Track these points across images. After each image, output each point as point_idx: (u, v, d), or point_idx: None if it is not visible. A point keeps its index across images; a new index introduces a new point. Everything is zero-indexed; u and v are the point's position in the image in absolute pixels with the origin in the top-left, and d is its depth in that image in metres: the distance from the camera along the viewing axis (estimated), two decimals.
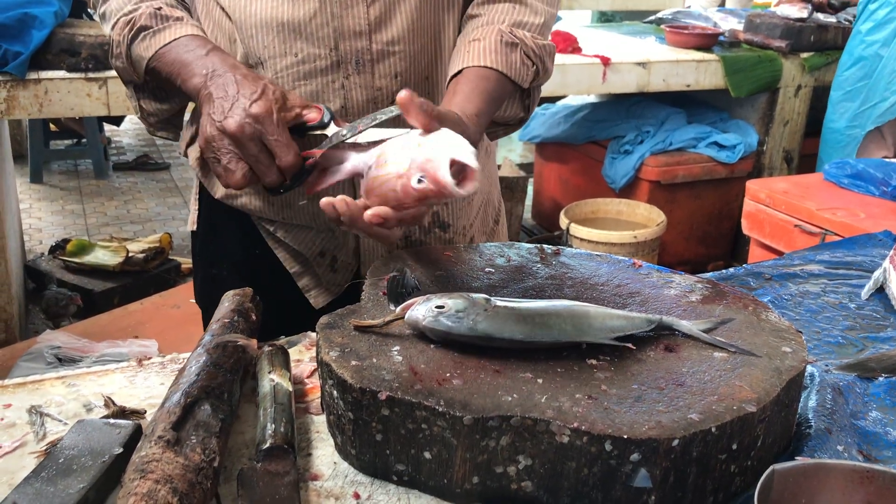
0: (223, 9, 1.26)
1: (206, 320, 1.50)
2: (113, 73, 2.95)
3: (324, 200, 1.04)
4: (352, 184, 1.26)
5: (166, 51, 1.19)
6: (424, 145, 1.01)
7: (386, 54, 1.25)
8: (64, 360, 2.59)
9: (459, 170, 0.99)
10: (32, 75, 2.96)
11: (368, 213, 1.02)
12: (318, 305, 1.40)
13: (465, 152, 0.98)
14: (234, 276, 1.43)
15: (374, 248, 1.36)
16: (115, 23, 1.23)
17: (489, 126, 1.37)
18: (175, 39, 1.19)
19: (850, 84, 3.68)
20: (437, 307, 0.97)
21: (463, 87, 1.21)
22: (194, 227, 1.49)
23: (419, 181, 0.99)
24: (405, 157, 1.02)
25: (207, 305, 1.50)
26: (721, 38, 4.29)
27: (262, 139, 1.07)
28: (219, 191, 1.39)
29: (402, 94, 1.00)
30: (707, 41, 4.18)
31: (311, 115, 1.12)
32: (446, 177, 0.97)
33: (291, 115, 1.11)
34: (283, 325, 1.27)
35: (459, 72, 1.23)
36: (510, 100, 1.31)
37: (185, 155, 1.44)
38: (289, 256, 1.39)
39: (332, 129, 1.13)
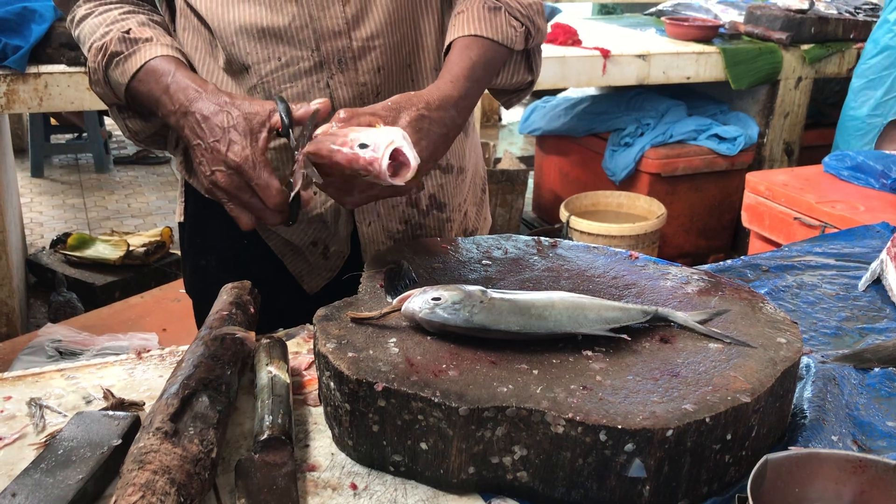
0: (200, 17, 1.26)
1: (198, 310, 1.51)
2: None
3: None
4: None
5: (139, 80, 1.20)
6: (382, 129, 1.05)
7: (367, 50, 1.25)
8: (64, 354, 2.60)
9: (397, 165, 1.03)
10: (32, 69, 2.96)
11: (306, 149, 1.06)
12: (312, 290, 1.41)
13: (409, 149, 1.03)
14: (222, 265, 1.43)
15: (373, 235, 1.37)
16: (90, 49, 1.24)
17: (502, 95, 1.39)
18: (145, 63, 1.19)
19: (875, 72, 3.65)
20: (434, 299, 0.98)
21: (448, 60, 1.23)
22: (181, 219, 1.50)
23: (362, 146, 1.02)
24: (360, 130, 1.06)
25: (197, 295, 1.51)
26: (721, 30, 4.29)
27: (248, 184, 1.09)
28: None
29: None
30: (707, 33, 4.17)
31: (276, 120, 1.12)
32: (386, 157, 1.02)
33: (263, 139, 1.10)
34: (273, 313, 1.27)
35: (449, 47, 1.25)
36: (513, 65, 1.33)
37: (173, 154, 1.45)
38: (280, 245, 1.40)
39: (292, 137, 1.13)
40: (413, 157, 1.03)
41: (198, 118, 1.12)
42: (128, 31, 1.22)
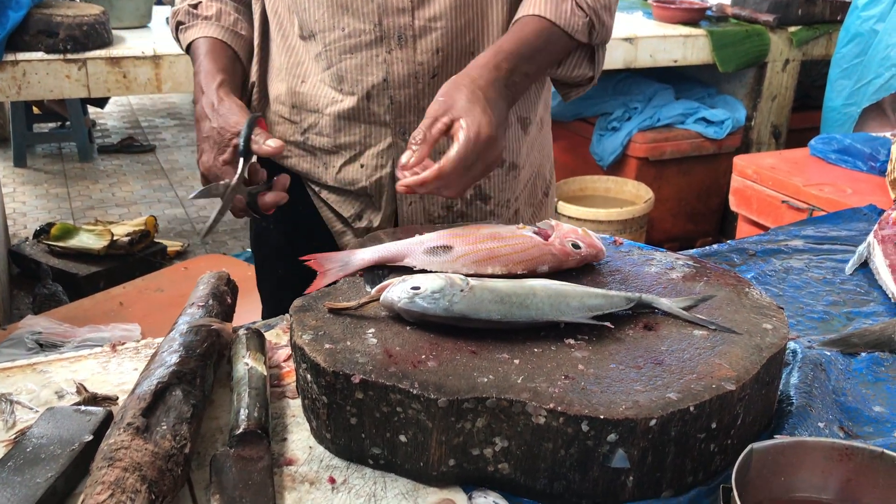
0: None
1: (259, 270, 1.63)
2: (92, 54, 2.93)
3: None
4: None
5: (192, 54, 1.39)
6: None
7: (428, 30, 1.27)
8: (45, 346, 2.56)
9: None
10: (9, 57, 2.90)
11: None
12: None
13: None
14: (279, 228, 1.51)
15: (413, 216, 1.40)
16: (175, 6, 1.42)
17: (563, 87, 1.40)
18: (192, 42, 1.38)
19: (847, 61, 3.62)
20: (413, 288, 0.96)
21: (505, 34, 1.25)
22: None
23: (575, 246, 1.12)
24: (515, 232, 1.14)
25: (260, 256, 1.62)
26: (708, 12, 4.26)
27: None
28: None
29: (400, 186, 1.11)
30: (694, 16, 4.14)
31: (236, 141, 1.24)
32: (600, 242, 1.15)
33: (229, 152, 1.25)
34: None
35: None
36: (577, 58, 1.32)
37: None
38: (332, 216, 1.46)
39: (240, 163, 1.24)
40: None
41: (195, 117, 1.30)
42: (196, 6, 1.39)
